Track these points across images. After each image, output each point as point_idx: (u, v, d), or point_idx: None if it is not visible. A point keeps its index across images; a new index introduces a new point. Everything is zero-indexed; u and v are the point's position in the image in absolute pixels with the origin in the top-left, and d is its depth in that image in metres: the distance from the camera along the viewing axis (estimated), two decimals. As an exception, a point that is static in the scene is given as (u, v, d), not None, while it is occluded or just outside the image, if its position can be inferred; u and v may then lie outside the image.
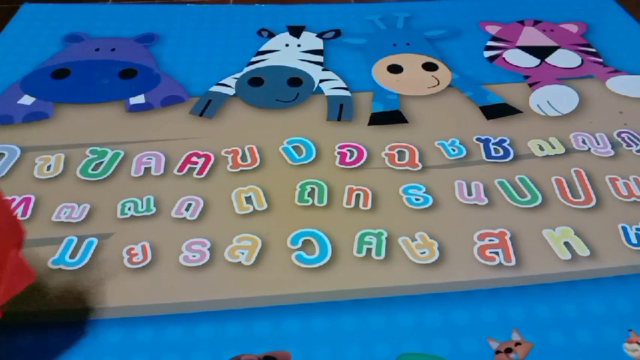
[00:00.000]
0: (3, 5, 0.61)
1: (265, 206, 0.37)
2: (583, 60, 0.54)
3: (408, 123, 0.45)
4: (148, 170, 0.40)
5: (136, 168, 0.40)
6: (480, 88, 0.50)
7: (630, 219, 0.37)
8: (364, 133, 0.44)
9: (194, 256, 0.34)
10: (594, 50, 0.56)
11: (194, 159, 0.41)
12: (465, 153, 0.42)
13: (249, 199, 0.38)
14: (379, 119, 0.46)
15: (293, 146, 0.42)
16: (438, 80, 0.51)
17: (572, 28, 0.60)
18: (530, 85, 0.51)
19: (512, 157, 0.42)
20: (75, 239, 0.35)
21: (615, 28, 0.60)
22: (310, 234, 0.35)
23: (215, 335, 0.30)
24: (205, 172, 0.40)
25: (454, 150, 0.43)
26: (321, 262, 0.34)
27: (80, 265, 0.33)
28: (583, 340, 0.30)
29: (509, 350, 0.29)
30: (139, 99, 0.47)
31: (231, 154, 0.41)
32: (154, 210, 0.37)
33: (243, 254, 0.34)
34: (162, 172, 0.40)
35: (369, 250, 0.35)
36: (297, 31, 0.57)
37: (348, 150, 0.42)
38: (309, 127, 0.44)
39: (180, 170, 0.40)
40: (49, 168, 0.40)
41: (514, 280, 0.33)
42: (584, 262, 0.34)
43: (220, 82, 0.49)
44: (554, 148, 0.43)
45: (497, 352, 0.29)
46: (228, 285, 0.32)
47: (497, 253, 0.35)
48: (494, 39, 0.57)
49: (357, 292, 0.32)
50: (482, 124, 0.46)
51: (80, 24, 0.57)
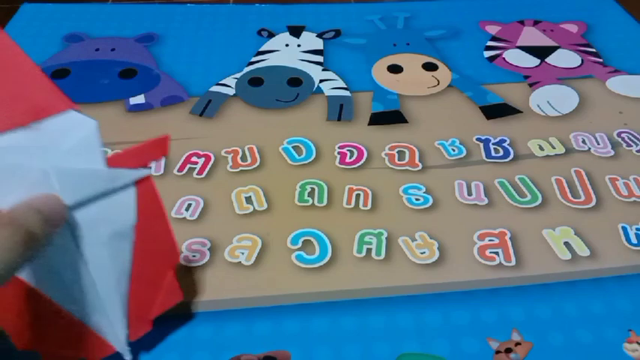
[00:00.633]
0: (3, 5, 0.61)
1: (265, 206, 0.37)
2: (583, 60, 0.54)
3: (408, 123, 0.45)
4: (148, 170, 0.40)
5: None
6: (480, 88, 0.50)
7: (630, 219, 0.37)
8: (364, 133, 0.44)
9: (194, 256, 0.34)
10: (594, 50, 0.56)
11: (194, 159, 0.41)
12: (465, 153, 0.42)
13: (249, 199, 0.38)
14: (379, 119, 0.46)
15: (293, 146, 0.42)
16: (438, 80, 0.51)
17: (572, 28, 0.60)
18: (530, 85, 0.51)
19: (512, 157, 0.42)
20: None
21: (615, 28, 0.60)
22: (310, 234, 0.35)
23: (215, 335, 0.30)
24: (205, 172, 0.40)
25: (454, 150, 0.43)
26: (321, 262, 0.34)
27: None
28: (583, 340, 0.30)
29: (509, 350, 0.29)
30: (139, 99, 0.47)
31: (231, 154, 0.41)
32: (154, 210, 0.37)
33: (243, 254, 0.34)
34: (162, 172, 0.40)
35: (369, 250, 0.35)
36: (297, 31, 0.57)
37: (348, 150, 0.42)
38: (309, 127, 0.44)
39: (180, 170, 0.40)
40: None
41: (514, 280, 0.33)
42: (584, 262, 0.34)
43: (220, 82, 0.49)
44: (554, 148, 0.43)
45: (497, 352, 0.29)
46: (228, 285, 0.32)
47: (497, 253, 0.35)
48: (494, 39, 0.57)
49: (357, 292, 0.32)
50: (483, 124, 0.46)
51: (80, 24, 0.57)
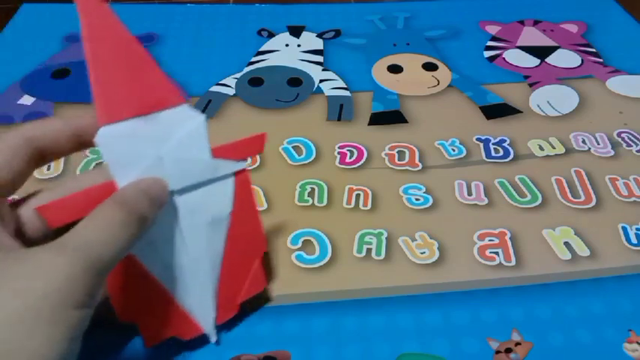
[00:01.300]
0: (3, 5, 0.61)
1: (265, 206, 0.37)
2: (583, 60, 0.54)
3: (408, 123, 0.45)
4: (148, 170, 0.40)
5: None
6: (480, 88, 0.50)
7: (630, 219, 0.37)
8: (364, 133, 0.44)
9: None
10: (594, 50, 0.56)
11: (194, 159, 0.41)
12: (465, 153, 0.42)
13: (249, 199, 0.38)
14: (379, 119, 0.46)
15: (293, 146, 0.42)
16: (438, 80, 0.51)
17: (572, 28, 0.60)
18: (530, 85, 0.51)
19: (512, 157, 0.42)
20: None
21: (615, 28, 0.60)
22: (310, 234, 0.35)
23: (215, 335, 0.29)
24: (205, 172, 0.40)
25: (454, 150, 0.43)
26: (321, 262, 0.34)
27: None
28: (583, 340, 0.30)
29: (509, 350, 0.29)
30: (139, 99, 0.47)
31: (231, 154, 0.41)
32: (154, 210, 0.37)
33: (243, 254, 0.34)
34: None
35: (369, 250, 0.35)
36: (297, 31, 0.58)
37: (348, 150, 0.42)
38: (309, 127, 0.44)
39: (181, 170, 0.40)
40: (49, 168, 0.40)
41: (514, 280, 0.33)
42: (584, 262, 0.34)
43: (220, 82, 0.49)
44: (554, 148, 0.43)
45: (497, 352, 0.29)
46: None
47: (497, 253, 0.35)
48: (494, 39, 0.57)
49: (357, 292, 0.32)
50: (483, 124, 0.46)
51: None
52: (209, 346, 0.29)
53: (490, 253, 0.35)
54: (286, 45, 0.55)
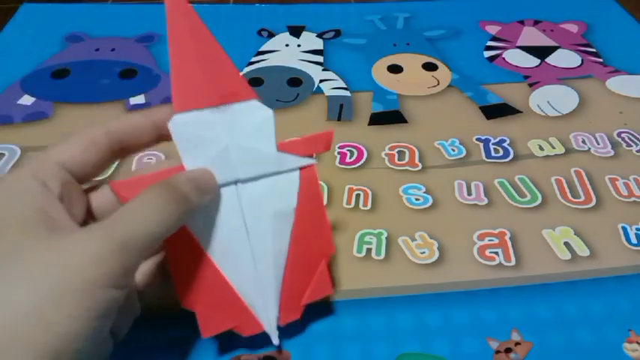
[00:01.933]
0: (3, 5, 0.61)
1: (265, 206, 0.37)
2: (583, 60, 0.54)
3: (407, 123, 0.45)
4: (148, 170, 0.40)
5: (137, 168, 0.40)
6: (480, 88, 0.50)
7: (630, 219, 0.37)
8: (364, 133, 0.44)
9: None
10: (594, 50, 0.56)
11: (194, 159, 0.41)
12: (465, 153, 0.42)
13: (249, 199, 0.38)
14: (379, 119, 0.46)
15: (293, 146, 0.42)
16: (438, 80, 0.51)
17: (572, 28, 0.60)
18: (530, 85, 0.51)
19: (512, 157, 0.42)
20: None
21: (615, 28, 0.60)
22: (310, 234, 0.35)
23: (215, 335, 0.29)
24: (205, 172, 0.40)
25: (454, 150, 0.43)
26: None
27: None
28: (583, 340, 0.30)
29: (509, 350, 0.29)
30: (139, 99, 0.47)
31: (231, 154, 0.41)
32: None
33: (243, 254, 0.34)
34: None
35: (369, 250, 0.35)
36: (297, 31, 0.58)
37: (348, 150, 0.42)
38: (309, 127, 0.44)
39: (180, 170, 0.40)
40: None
41: (514, 280, 0.33)
42: (584, 262, 0.34)
43: (220, 82, 0.49)
44: (554, 148, 0.43)
45: (497, 352, 0.29)
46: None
47: (497, 253, 0.35)
48: (494, 39, 0.57)
49: (357, 292, 0.32)
50: (483, 124, 0.46)
51: (80, 24, 0.57)
52: (209, 346, 0.29)
53: (490, 253, 0.35)
54: (286, 45, 0.55)
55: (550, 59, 0.54)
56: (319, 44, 0.56)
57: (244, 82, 0.24)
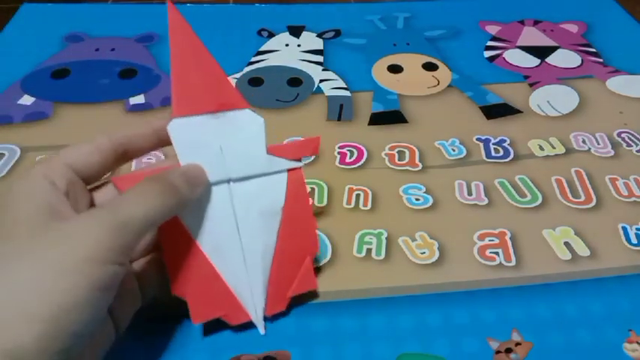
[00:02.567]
0: (3, 5, 0.61)
1: (265, 206, 0.37)
2: (583, 60, 0.54)
3: (407, 123, 0.45)
4: (148, 170, 0.40)
5: (137, 168, 0.40)
6: (480, 88, 0.50)
7: (630, 219, 0.37)
8: (364, 133, 0.44)
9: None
10: (594, 50, 0.56)
11: (194, 159, 0.41)
12: (465, 153, 0.42)
13: (249, 199, 0.38)
14: (379, 119, 0.46)
15: (293, 146, 0.42)
16: (438, 80, 0.51)
17: (572, 28, 0.60)
18: (530, 85, 0.51)
19: (512, 157, 0.42)
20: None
21: (615, 28, 0.60)
22: (310, 234, 0.35)
23: (215, 335, 0.30)
24: (205, 172, 0.40)
25: (454, 150, 0.43)
26: (321, 263, 0.34)
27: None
28: (583, 340, 0.30)
29: (509, 350, 0.29)
30: (138, 99, 0.47)
31: (231, 154, 0.41)
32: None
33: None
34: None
35: (369, 250, 0.35)
36: (297, 31, 0.58)
37: (348, 150, 0.42)
38: (309, 127, 0.44)
39: (181, 170, 0.40)
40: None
41: (514, 280, 0.33)
42: (584, 262, 0.34)
43: (220, 82, 0.49)
44: (554, 148, 0.43)
45: (498, 352, 0.29)
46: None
47: (497, 253, 0.35)
48: (494, 39, 0.57)
49: (357, 292, 0.32)
50: (483, 124, 0.46)
51: (80, 24, 0.57)
52: (209, 346, 0.29)
53: (490, 253, 0.35)
54: (286, 45, 0.55)
55: (550, 59, 0.54)
56: (319, 44, 0.56)
57: (239, 94, 0.27)
